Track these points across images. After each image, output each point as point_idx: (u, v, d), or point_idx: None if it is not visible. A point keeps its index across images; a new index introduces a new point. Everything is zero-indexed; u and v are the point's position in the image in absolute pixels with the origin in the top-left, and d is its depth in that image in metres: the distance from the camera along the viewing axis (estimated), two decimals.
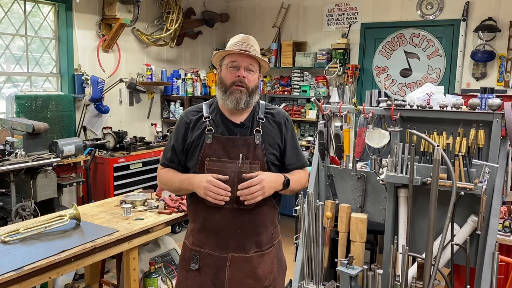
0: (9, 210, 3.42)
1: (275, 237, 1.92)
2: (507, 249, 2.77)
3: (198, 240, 1.85)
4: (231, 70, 1.78)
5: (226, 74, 1.80)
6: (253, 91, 1.80)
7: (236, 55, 1.78)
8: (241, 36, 1.83)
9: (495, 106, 2.25)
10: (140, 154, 4.65)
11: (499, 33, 4.59)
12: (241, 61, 1.77)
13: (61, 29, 4.42)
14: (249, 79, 1.78)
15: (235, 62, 1.77)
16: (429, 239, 2.09)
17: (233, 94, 1.77)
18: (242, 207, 1.77)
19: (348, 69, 5.34)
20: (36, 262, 2.10)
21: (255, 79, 1.82)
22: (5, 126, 3.74)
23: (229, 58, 1.80)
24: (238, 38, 1.82)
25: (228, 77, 1.79)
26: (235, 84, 1.77)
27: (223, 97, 1.80)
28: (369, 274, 2.16)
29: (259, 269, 1.83)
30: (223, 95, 1.80)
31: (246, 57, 1.78)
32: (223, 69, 1.82)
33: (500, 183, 2.29)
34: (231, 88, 1.77)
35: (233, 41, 1.83)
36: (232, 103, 1.77)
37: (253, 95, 1.81)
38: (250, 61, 1.78)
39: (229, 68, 1.79)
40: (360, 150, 2.73)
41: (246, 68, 1.78)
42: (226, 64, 1.80)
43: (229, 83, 1.78)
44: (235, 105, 1.77)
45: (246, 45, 1.79)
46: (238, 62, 1.77)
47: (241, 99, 1.77)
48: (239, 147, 1.78)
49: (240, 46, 1.79)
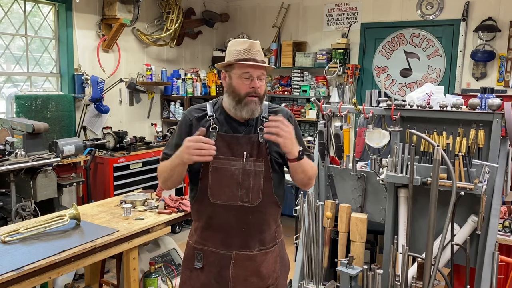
0: (9, 210, 3.42)
1: (278, 236, 1.93)
2: (507, 249, 2.77)
3: (202, 238, 1.86)
4: (244, 81, 1.76)
5: (239, 84, 1.77)
6: (263, 97, 1.82)
7: (249, 66, 1.76)
8: (248, 43, 1.79)
9: (495, 106, 2.25)
10: (140, 154, 4.65)
11: (499, 33, 4.59)
12: (253, 72, 1.76)
13: (61, 29, 4.41)
14: (261, 88, 1.79)
15: (248, 73, 1.76)
16: (429, 239, 2.09)
17: (248, 105, 1.76)
18: (247, 205, 1.78)
19: (348, 69, 5.34)
20: (36, 262, 2.10)
21: (264, 85, 1.83)
22: (5, 126, 3.74)
23: (241, 68, 1.77)
24: (246, 45, 1.78)
25: (242, 87, 1.77)
26: (249, 94, 1.76)
27: (237, 107, 1.78)
28: (369, 274, 2.16)
29: (262, 267, 1.84)
30: (237, 105, 1.78)
31: (258, 67, 1.77)
32: (235, 78, 1.79)
33: (500, 183, 2.29)
34: (245, 99, 1.76)
35: (240, 48, 1.79)
36: (247, 114, 1.77)
37: (263, 101, 1.83)
38: (262, 70, 1.79)
39: (243, 79, 1.77)
40: (360, 150, 2.73)
41: (258, 77, 1.78)
42: (237, 74, 1.77)
43: (243, 93, 1.76)
44: (250, 115, 1.78)
45: (255, 53, 1.78)
46: (251, 73, 1.76)
47: (256, 110, 1.78)
48: (243, 145, 1.79)
49: (249, 54, 1.77)
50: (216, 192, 1.79)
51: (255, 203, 1.78)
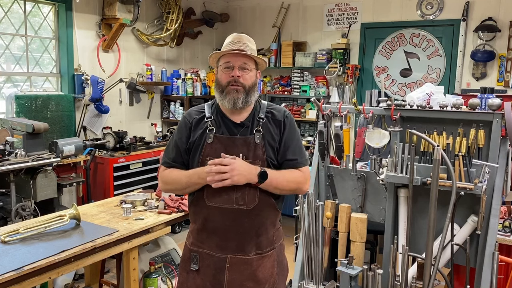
0: (9, 210, 3.42)
1: (276, 240, 1.90)
2: (507, 249, 2.77)
3: (198, 240, 1.85)
4: (226, 71, 1.80)
5: (221, 75, 1.82)
6: (250, 89, 1.80)
7: (229, 56, 1.79)
8: (233, 36, 1.85)
9: (495, 106, 2.25)
10: (140, 154, 4.65)
11: (499, 33, 4.59)
12: (234, 61, 1.78)
13: (61, 29, 4.42)
14: (244, 78, 1.79)
15: (229, 62, 1.79)
16: (429, 239, 2.09)
17: (229, 94, 1.78)
18: (242, 208, 1.76)
19: (348, 69, 5.35)
20: (36, 262, 2.10)
21: (252, 77, 1.82)
22: (5, 126, 3.74)
23: (223, 59, 1.82)
24: (231, 38, 1.84)
25: (223, 77, 1.81)
26: (230, 84, 1.78)
27: (220, 98, 1.81)
28: (369, 274, 2.16)
29: (258, 272, 1.81)
30: (220, 95, 1.81)
31: (240, 56, 1.79)
32: (219, 71, 1.84)
33: (500, 183, 2.29)
34: (227, 88, 1.78)
35: (227, 42, 1.85)
36: (229, 103, 1.78)
37: (251, 93, 1.81)
38: (243, 59, 1.79)
39: (224, 69, 1.81)
40: (360, 150, 2.73)
41: (241, 67, 1.78)
42: (222, 66, 1.82)
43: (224, 83, 1.79)
44: (232, 105, 1.78)
45: (239, 44, 1.80)
46: (232, 62, 1.78)
47: (238, 99, 1.77)
48: (239, 147, 1.78)
49: (233, 46, 1.80)
50: (211, 195, 1.77)
51: (251, 206, 1.76)
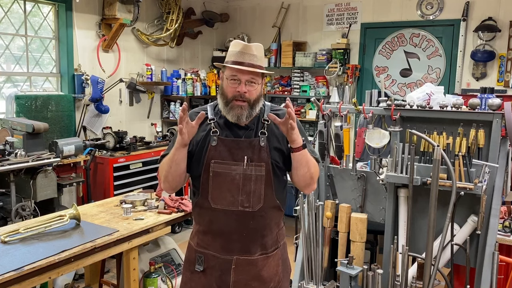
0: (9, 210, 3.42)
1: (280, 239, 1.90)
2: (507, 249, 2.77)
3: (203, 242, 1.84)
4: (232, 83, 1.72)
5: (227, 86, 1.74)
6: (255, 102, 1.75)
7: (236, 69, 1.70)
8: (241, 46, 1.72)
9: (495, 106, 2.25)
10: (140, 154, 4.64)
11: (499, 33, 4.59)
12: (241, 76, 1.70)
13: (61, 29, 4.41)
14: (250, 93, 1.72)
15: (235, 76, 1.71)
16: (429, 239, 2.09)
17: (233, 110, 1.72)
18: (248, 210, 1.75)
19: (348, 69, 5.34)
20: (36, 262, 2.10)
21: (258, 90, 1.75)
22: (5, 126, 3.74)
23: (229, 70, 1.72)
24: (239, 47, 1.71)
25: (229, 90, 1.73)
26: (235, 98, 1.71)
27: (225, 110, 1.75)
28: (369, 274, 2.16)
29: (264, 272, 1.82)
30: (225, 107, 1.75)
31: (246, 72, 1.71)
32: (224, 80, 1.76)
33: (500, 183, 2.29)
34: (231, 102, 1.72)
35: (234, 50, 1.72)
36: (233, 118, 1.74)
37: (255, 106, 1.76)
38: (251, 75, 1.71)
39: (230, 81, 1.72)
40: (360, 150, 2.74)
41: (248, 81, 1.71)
42: (227, 76, 1.73)
43: (230, 96, 1.73)
44: (236, 120, 1.74)
45: (248, 57, 1.71)
46: (239, 77, 1.70)
47: (242, 115, 1.72)
48: (244, 149, 1.76)
49: (241, 58, 1.70)
50: (216, 197, 1.76)
51: (256, 208, 1.75)
